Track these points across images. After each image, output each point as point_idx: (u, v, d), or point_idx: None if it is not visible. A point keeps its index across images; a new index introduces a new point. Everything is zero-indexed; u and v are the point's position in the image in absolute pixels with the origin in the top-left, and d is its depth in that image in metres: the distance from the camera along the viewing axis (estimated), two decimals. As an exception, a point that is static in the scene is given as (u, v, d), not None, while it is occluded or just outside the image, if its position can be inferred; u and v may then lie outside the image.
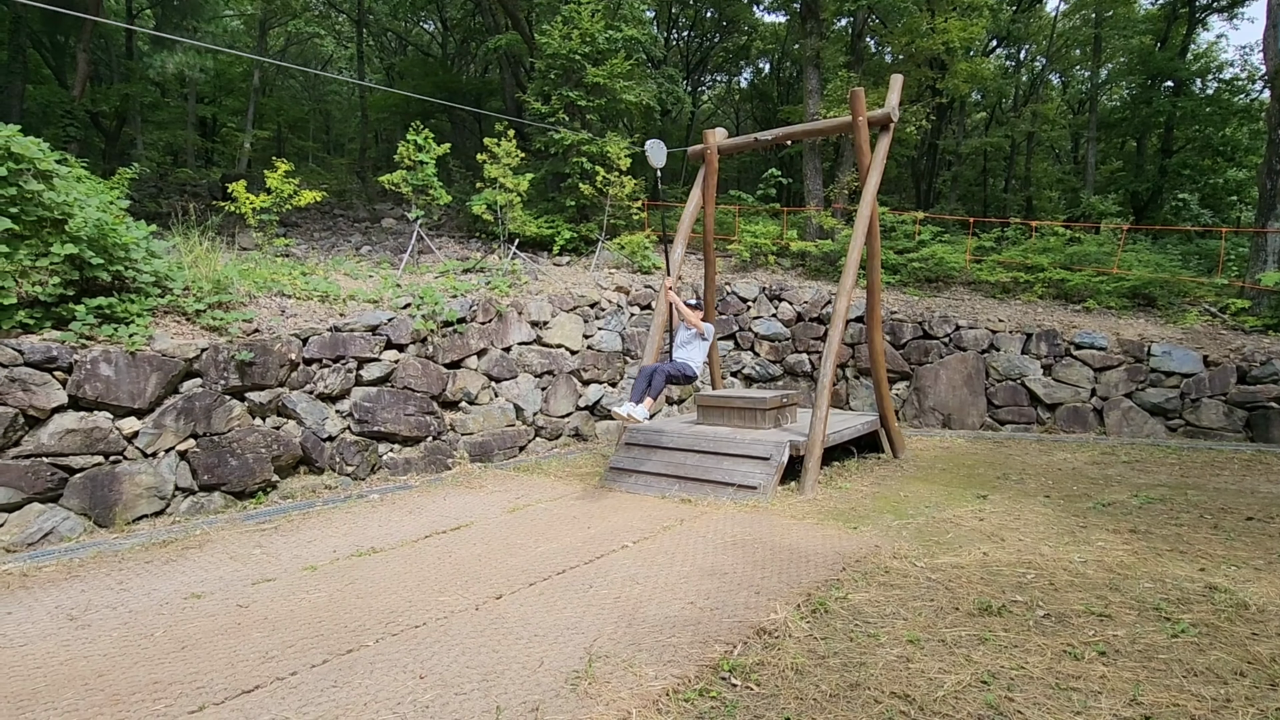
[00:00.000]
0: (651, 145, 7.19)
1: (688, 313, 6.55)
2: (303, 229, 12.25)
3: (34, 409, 5.07)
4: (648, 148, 7.19)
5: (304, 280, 7.81)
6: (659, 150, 7.21)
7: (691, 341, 6.61)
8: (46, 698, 3.01)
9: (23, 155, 5.33)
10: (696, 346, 6.59)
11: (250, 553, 4.86)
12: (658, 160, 7.16)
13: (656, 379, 6.22)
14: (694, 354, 6.54)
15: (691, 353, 6.55)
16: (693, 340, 6.61)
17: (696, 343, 6.61)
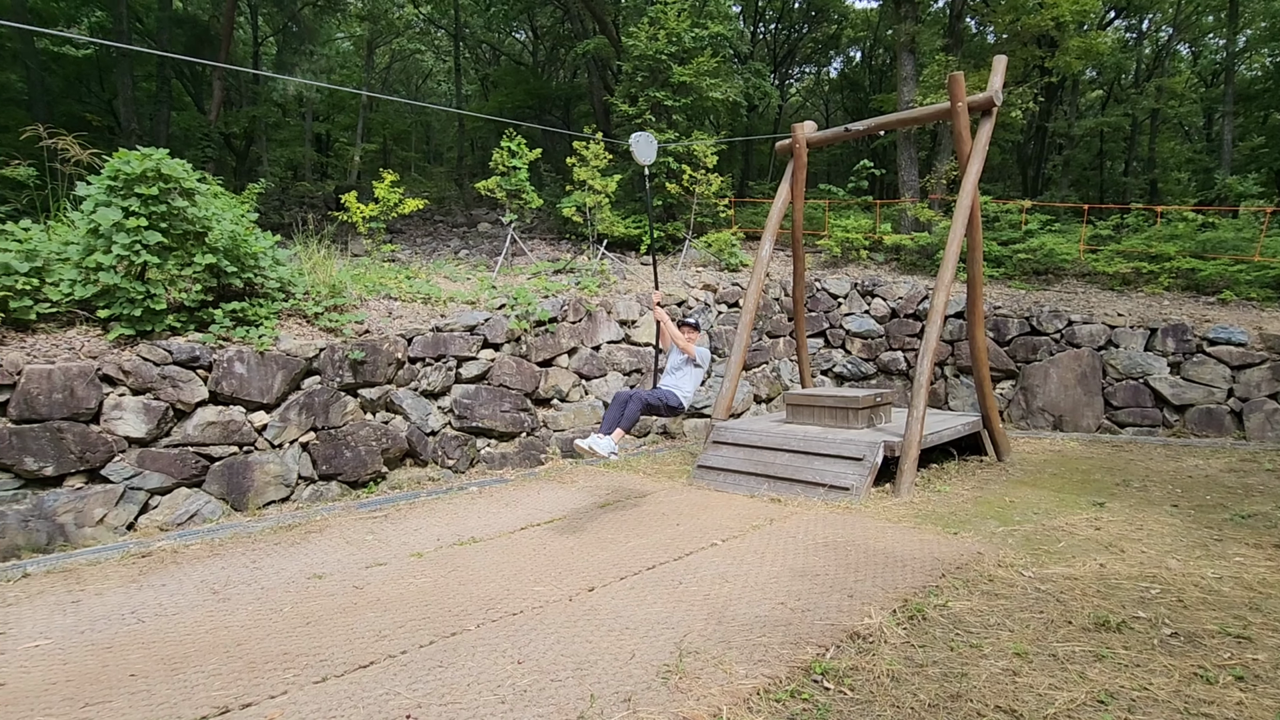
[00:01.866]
0: (637, 140, 6.22)
1: (675, 334, 5.62)
2: (406, 235, 12.99)
3: (181, 403, 5.66)
4: (633, 142, 6.17)
5: (409, 283, 8.29)
6: (646, 145, 6.25)
7: (682, 368, 5.69)
8: (195, 662, 3.37)
9: (171, 175, 5.94)
10: (687, 374, 5.66)
11: (364, 538, 5.23)
12: (645, 157, 6.22)
13: (630, 407, 5.28)
14: (683, 381, 5.63)
15: (680, 380, 5.63)
16: (684, 366, 5.68)
17: (687, 369, 5.67)
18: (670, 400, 5.52)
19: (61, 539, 5.01)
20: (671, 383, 5.64)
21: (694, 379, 5.68)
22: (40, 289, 5.55)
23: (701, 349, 5.69)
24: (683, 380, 5.63)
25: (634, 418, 5.31)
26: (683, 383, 5.62)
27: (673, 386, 5.60)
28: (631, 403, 5.32)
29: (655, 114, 13.02)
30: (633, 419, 5.30)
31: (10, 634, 3.67)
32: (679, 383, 5.62)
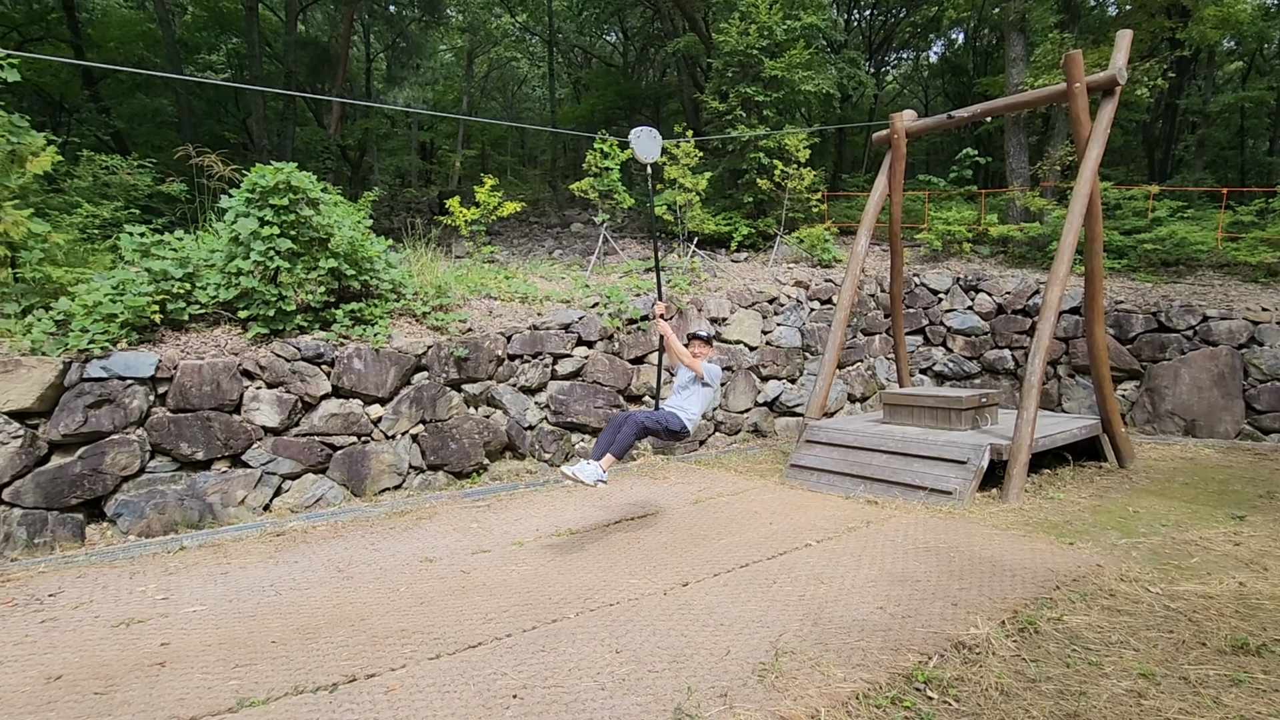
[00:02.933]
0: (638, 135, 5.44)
1: (679, 350, 5.00)
2: (504, 236, 13.52)
3: (308, 396, 6.18)
4: (633, 139, 5.42)
5: (507, 283, 8.64)
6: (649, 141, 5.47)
7: (689, 387, 5.06)
8: (325, 634, 3.69)
9: (299, 187, 6.48)
10: (694, 394, 5.03)
11: (469, 526, 5.53)
12: (647, 154, 5.46)
13: (624, 431, 4.75)
14: (689, 403, 5.00)
15: (686, 401, 5.01)
16: (691, 385, 5.05)
17: (695, 390, 5.03)
18: (671, 423, 4.91)
19: (210, 517, 5.60)
20: (676, 403, 5.03)
21: (702, 400, 5.04)
22: (191, 292, 6.20)
23: (711, 366, 5.03)
24: (689, 401, 5.02)
25: (626, 443, 4.75)
26: (689, 404, 5.01)
27: (676, 408, 4.99)
28: (626, 426, 4.78)
29: (745, 109, 12.90)
30: (625, 444, 4.74)
31: (172, 599, 4.16)
32: (684, 404, 5.01)
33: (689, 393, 5.05)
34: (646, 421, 4.86)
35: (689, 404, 5.01)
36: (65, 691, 3.13)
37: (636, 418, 4.85)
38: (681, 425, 4.95)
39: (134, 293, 5.76)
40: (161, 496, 5.43)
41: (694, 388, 5.04)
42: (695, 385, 5.03)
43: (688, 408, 4.99)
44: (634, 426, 4.80)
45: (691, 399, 5.02)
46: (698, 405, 5.02)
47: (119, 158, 7.90)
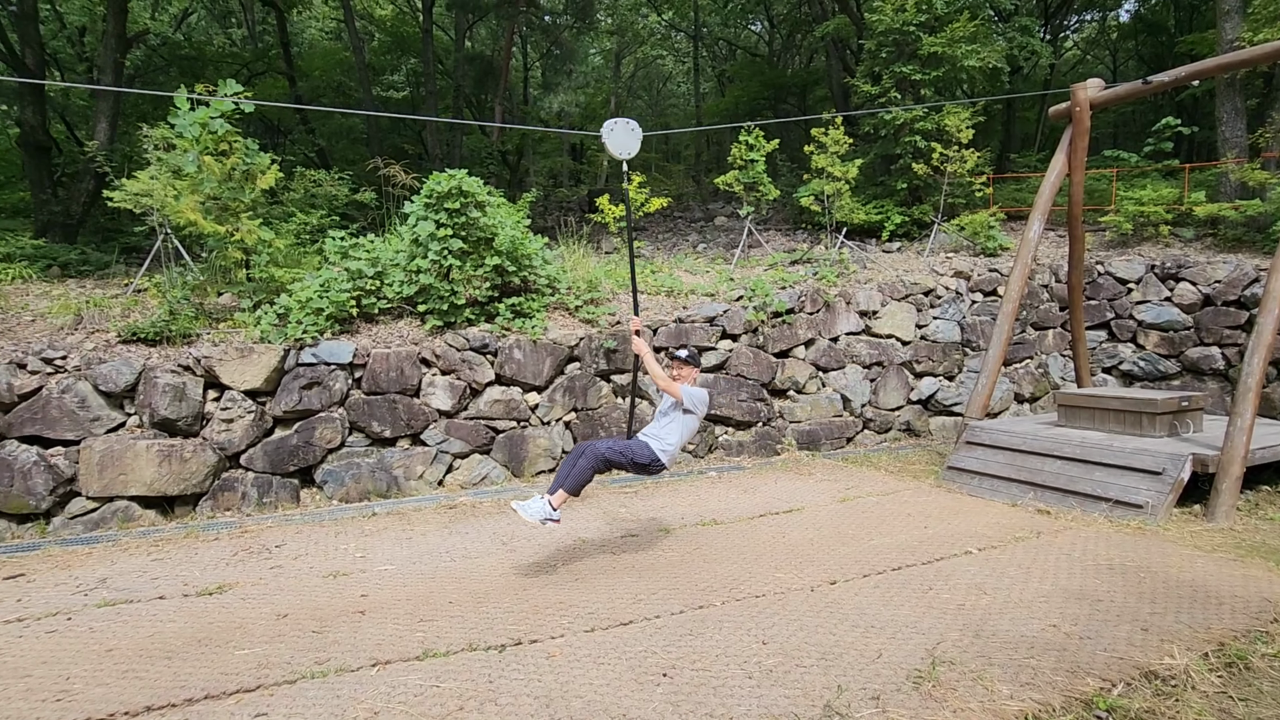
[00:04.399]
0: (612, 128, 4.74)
1: (655, 371, 4.35)
2: (649, 232, 13.83)
3: (475, 383, 6.75)
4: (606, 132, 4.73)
5: (653, 278, 8.86)
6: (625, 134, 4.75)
7: (670, 413, 4.44)
8: (494, 599, 4.05)
9: (469, 191, 7.07)
10: (675, 421, 4.39)
11: (617, 511, 5.78)
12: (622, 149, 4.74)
13: (580, 465, 4.21)
14: (667, 431, 4.38)
15: (665, 428, 4.39)
16: (671, 411, 4.43)
17: (675, 416, 4.40)
18: (639, 454, 4.30)
19: (395, 488, 6.30)
20: (653, 431, 4.44)
21: (681, 428, 4.40)
22: (380, 289, 6.99)
23: (694, 390, 4.39)
24: (667, 430, 4.39)
25: (583, 477, 4.23)
26: (666, 433, 4.38)
27: (651, 436, 4.40)
28: (583, 459, 4.24)
29: (900, 90, 12.19)
30: (581, 479, 4.23)
31: (368, 558, 4.75)
32: (661, 432, 4.40)
33: (668, 420, 4.43)
34: (608, 453, 4.28)
35: (666, 433, 4.38)
36: (291, 627, 3.71)
37: (597, 448, 4.28)
38: (651, 457, 4.32)
39: (336, 290, 6.60)
40: (357, 468, 6.20)
41: (674, 414, 4.41)
42: (676, 412, 4.41)
43: (664, 437, 4.37)
44: (591, 459, 4.24)
45: (670, 427, 4.39)
46: (676, 434, 4.37)
47: (323, 172, 9.06)
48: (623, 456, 4.30)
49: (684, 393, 4.32)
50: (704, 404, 4.46)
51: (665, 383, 4.33)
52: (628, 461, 4.32)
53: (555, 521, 4.19)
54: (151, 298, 6.66)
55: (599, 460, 4.26)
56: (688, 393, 4.34)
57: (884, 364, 8.66)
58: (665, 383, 4.33)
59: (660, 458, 4.33)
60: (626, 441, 4.40)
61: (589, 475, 4.25)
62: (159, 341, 6.07)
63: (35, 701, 3.01)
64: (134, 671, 3.26)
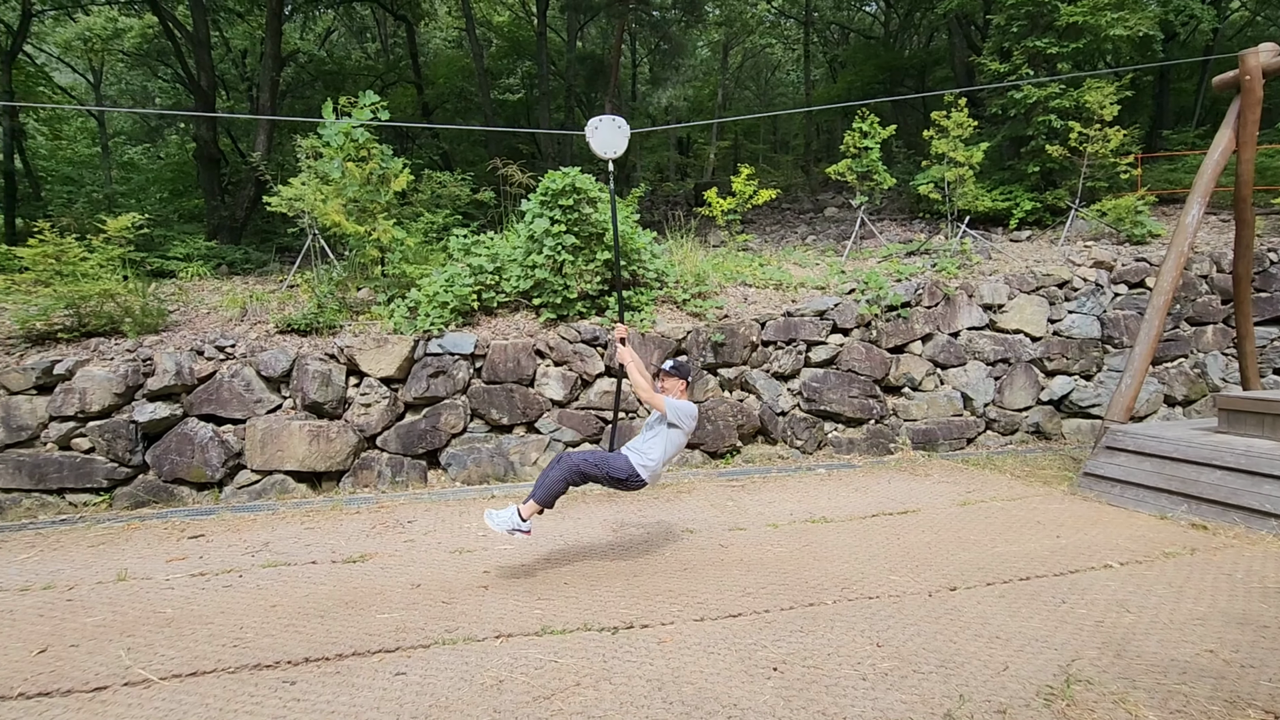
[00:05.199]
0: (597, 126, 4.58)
1: (638, 381, 4.25)
2: (757, 224, 13.66)
3: (586, 374, 6.97)
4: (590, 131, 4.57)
5: (761, 271, 8.77)
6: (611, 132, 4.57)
7: (655, 426, 4.26)
8: (605, 583, 4.19)
9: (581, 188, 7.29)
10: (658, 436, 4.20)
11: (724, 504, 5.80)
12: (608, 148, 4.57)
13: (552, 475, 4.09)
14: (651, 445, 4.21)
15: (648, 442, 4.23)
16: (657, 425, 4.25)
17: (660, 430, 4.21)
18: (616, 468, 4.13)
19: (511, 473, 6.64)
20: (637, 444, 4.27)
21: (665, 443, 4.18)
22: (499, 283, 7.36)
23: (680, 404, 4.20)
24: (650, 444, 4.21)
25: (553, 489, 4.09)
26: (649, 447, 4.20)
27: (633, 450, 4.24)
28: (555, 470, 4.10)
29: (1033, 66, 11.30)
30: (551, 492, 4.08)
31: (490, 537, 5.04)
32: (644, 446, 4.23)
33: (653, 434, 4.25)
34: (582, 465, 4.13)
35: (649, 447, 4.21)
36: (423, 597, 4.02)
37: (572, 459, 4.15)
38: (630, 472, 4.14)
39: (460, 284, 7.02)
40: (477, 453, 6.58)
41: (659, 429, 4.22)
42: (660, 426, 4.21)
43: (646, 451, 4.19)
44: (564, 470, 4.10)
45: (653, 442, 4.21)
46: (659, 449, 4.18)
47: (447, 174, 9.64)
48: (598, 470, 4.14)
49: (668, 406, 4.15)
50: (690, 418, 4.23)
51: (648, 394, 4.21)
52: (603, 475, 4.16)
53: (524, 533, 4.10)
54: (303, 292, 7.38)
55: (572, 472, 4.12)
56: (672, 406, 4.15)
57: (1010, 361, 8.12)
58: (648, 394, 4.21)
59: (639, 473, 4.14)
60: (605, 454, 4.26)
61: (561, 488, 4.12)
62: (309, 332, 6.72)
63: (217, 645, 3.45)
64: (294, 626, 3.66)
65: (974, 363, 8.05)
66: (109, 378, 5.93)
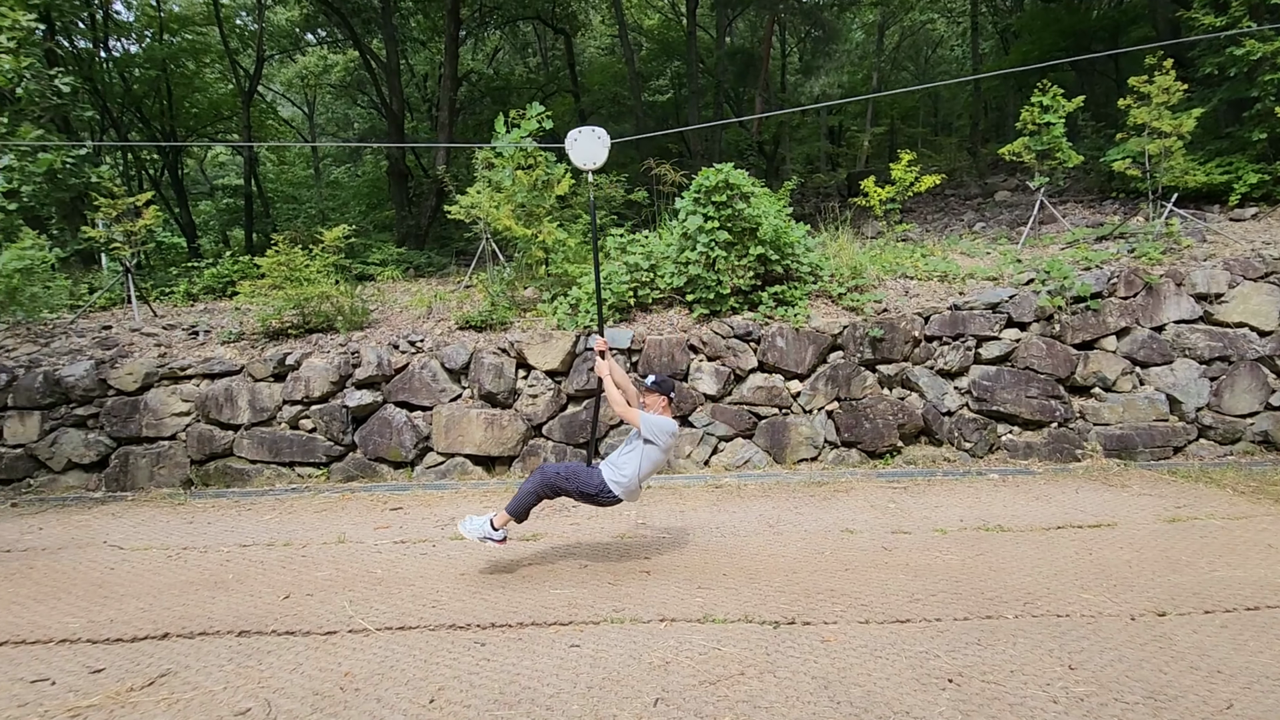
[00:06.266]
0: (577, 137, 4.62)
1: (613, 395, 4.18)
2: (916, 213, 12.88)
3: (738, 369, 6.99)
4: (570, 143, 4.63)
5: (924, 262, 8.28)
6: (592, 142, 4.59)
7: (633, 441, 4.18)
8: (765, 578, 4.21)
9: (735, 184, 7.30)
10: (635, 451, 4.12)
11: (886, 505, 5.58)
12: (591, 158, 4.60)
13: (526, 487, 4.15)
14: (626, 460, 4.13)
15: (623, 457, 4.15)
16: (634, 440, 4.17)
17: (636, 445, 4.12)
18: (587, 482, 4.11)
19: (666, 465, 6.82)
20: (613, 459, 4.21)
21: (641, 459, 4.08)
22: (653, 280, 7.57)
23: (656, 419, 4.10)
24: (626, 459, 4.14)
25: (524, 501, 4.14)
26: (624, 462, 4.13)
27: (609, 464, 4.18)
28: (529, 481, 4.16)
29: (1256, 18, 9.63)
30: (522, 502, 4.14)
31: (648, 525, 5.25)
32: (619, 460, 4.16)
33: (630, 449, 4.18)
34: (554, 478, 4.15)
35: (624, 462, 4.14)
36: (591, 576, 4.27)
37: (545, 472, 4.19)
38: (600, 487, 4.11)
39: (617, 282, 7.32)
40: (633, 444, 6.84)
41: (636, 444, 4.14)
42: (638, 441, 4.13)
43: (621, 466, 4.13)
44: (535, 483, 4.15)
45: (629, 457, 4.14)
46: (634, 465, 4.09)
47: (602, 176, 10.04)
48: (569, 483, 4.15)
49: (643, 421, 4.08)
50: (666, 434, 4.11)
51: (622, 408, 4.15)
52: (574, 489, 4.15)
53: (496, 541, 4.19)
54: (478, 292, 8.06)
55: (544, 485, 4.15)
56: (647, 421, 4.08)
57: (1230, 359, 7.02)
58: (622, 408, 4.15)
59: (611, 488, 4.11)
60: (578, 467, 4.27)
61: (531, 500, 4.17)
62: (484, 328, 7.34)
63: (419, 605, 3.91)
64: (479, 594, 4.05)
65: (1183, 361, 7.07)
66: (326, 368, 6.87)
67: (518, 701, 2.91)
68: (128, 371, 6.94)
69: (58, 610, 3.98)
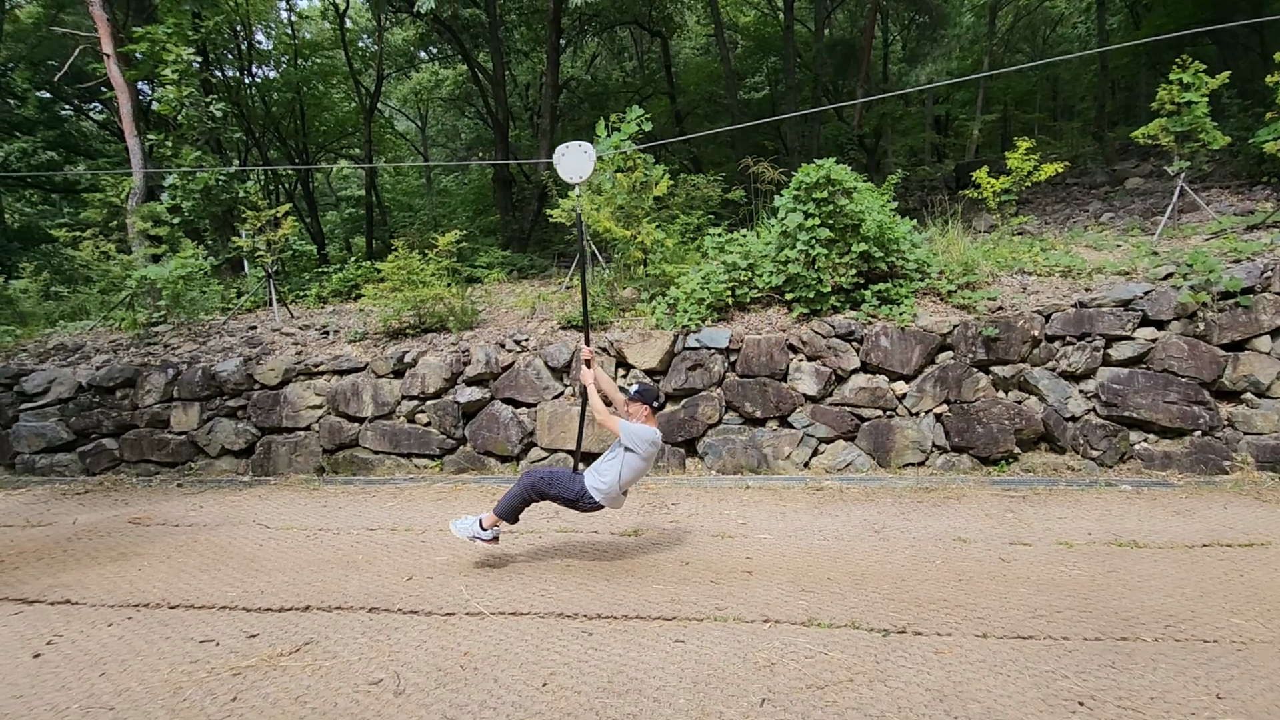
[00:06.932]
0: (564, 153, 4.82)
1: (596, 404, 4.32)
2: (1034, 204, 12.07)
3: (840, 370, 6.83)
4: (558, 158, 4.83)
5: (1044, 256, 7.77)
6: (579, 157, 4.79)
7: (615, 448, 4.29)
8: (871, 584, 4.10)
9: (837, 180, 7.13)
10: (614, 460, 4.24)
11: (1002, 515, 5.29)
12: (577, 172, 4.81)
13: (514, 490, 4.33)
14: (607, 467, 4.24)
15: (605, 464, 4.28)
16: (617, 448, 4.28)
17: (618, 453, 4.24)
18: (567, 487, 4.25)
19: (764, 465, 6.77)
20: (597, 465, 4.32)
21: (621, 466, 4.17)
22: (751, 279, 7.52)
23: (635, 427, 4.16)
24: (607, 465, 4.25)
25: (511, 503, 4.31)
26: (605, 468, 4.24)
27: (592, 470, 4.30)
28: (517, 485, 4.34)
29: None
30: (510, 507, 4.31)
31: (749, 525, 5.23)
32: (602, 467, 4.27)
33: (612, 456, 4.28)
34: (539, 482, 4.30)
35: (606, 469, 4.24)
36: (692, 574, 4.32)
37: (530, 477, 4.33)
38: (580, 492, 4.22)
39: (715, 281, 7.33)
40: (731, 444, 6.83)
41: (618, 451, 4.25)
42: (619, 449, 4.24)
43: (603, 473, 4.24)
44: (522, 487, 4.33)
45: (610, 464, 4.25)
46: (614, 472, 4.19)
47: (700, 176, 10.08)
48: (552, 488, 4.29)
49: (623, 429, 4.17)
50: (646, 442, 4.16)
51: (603, 416, 4.26)
52: (556, 494, 4.29)
53: (485, 541, 4.36)
54: (579, 293, 8.28)
55: (529, 489, 4.31)
56: (627, 429, 4.17)
57: None
58: (603, 416, 4.26)
59: (591, 494, 4.22)
60: (560, 473, 4.39)
61: (517, 503, 4.33)
62: (584, 328, 7.54)
63: (529, 592, 4.09)
64: (585, 585, 4.19)
65: (1359, 364, 6.25)
66: (439, 366, 7.30)
67: (626, 691, 3.00)
68: (270, 368, 7.66)
69: (218, 580, 4.46)
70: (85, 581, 4.52)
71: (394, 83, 19.69)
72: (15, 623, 3.93)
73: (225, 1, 12.18)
